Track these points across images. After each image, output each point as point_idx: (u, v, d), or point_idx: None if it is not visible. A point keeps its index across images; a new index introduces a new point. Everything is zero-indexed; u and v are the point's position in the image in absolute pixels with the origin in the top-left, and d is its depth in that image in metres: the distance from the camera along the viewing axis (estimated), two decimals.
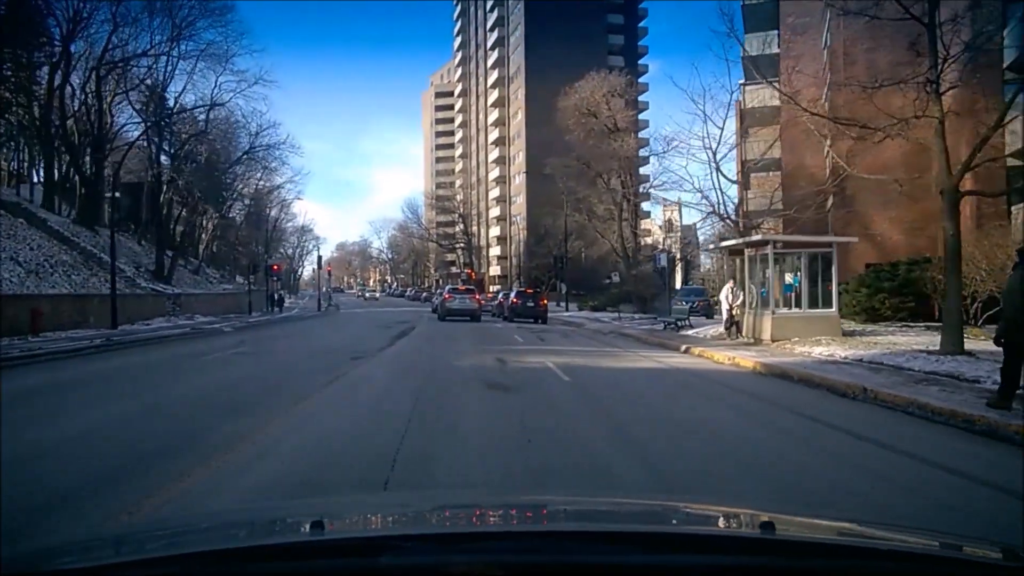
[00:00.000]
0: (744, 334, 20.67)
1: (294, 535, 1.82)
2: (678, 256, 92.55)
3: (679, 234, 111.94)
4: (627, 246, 53.51)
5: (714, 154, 27.66)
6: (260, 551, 1.57)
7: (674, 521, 2.08)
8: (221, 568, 1.44)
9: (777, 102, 41.76)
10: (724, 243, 22.80)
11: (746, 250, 20.51)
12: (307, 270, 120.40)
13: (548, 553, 1.48)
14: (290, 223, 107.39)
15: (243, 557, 1.50)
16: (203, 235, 64.15)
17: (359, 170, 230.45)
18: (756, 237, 19.10)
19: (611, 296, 47.86)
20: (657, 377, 13.37)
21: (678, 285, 57.79)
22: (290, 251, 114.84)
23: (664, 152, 51.99)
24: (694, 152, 30.38)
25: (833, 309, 19.25)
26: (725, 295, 21.27)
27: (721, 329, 23.31)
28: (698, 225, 39.52)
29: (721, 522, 2.10)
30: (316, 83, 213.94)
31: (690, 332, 24.73)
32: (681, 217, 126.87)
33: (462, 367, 13.92)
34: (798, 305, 19.90)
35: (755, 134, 40.60)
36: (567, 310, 49.23)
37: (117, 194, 35.49)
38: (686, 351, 18.88)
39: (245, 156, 46.59)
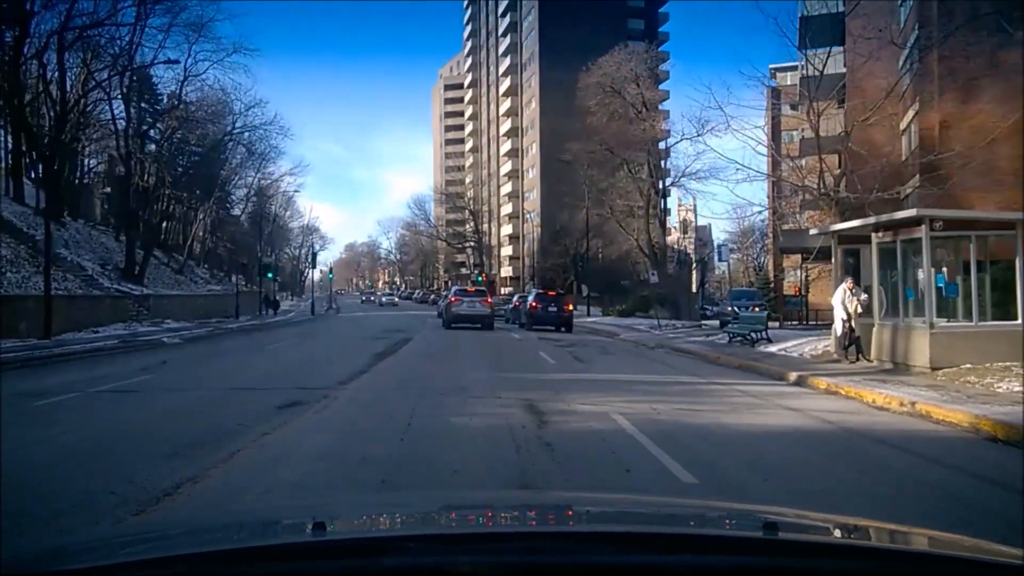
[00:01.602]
0: (873, 356, 14.17)
1: (297, 536, 1.73)
2: (693, 257, 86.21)
3: (695, 234, 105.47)
4: (655, 243, 47.06)
5: (815, 106, 21.19)
6: (263, 552, 1.51)
7: (681, 522, 2.00)
8: (224, 569, 1.38)
9: (837, 70, 35.26)
10: (838, 227, 16.24)
11: (875, 235, 14.02)
12: (314, 271, 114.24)
13: (552, 554, 1.43)
14: (295, 223, 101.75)
15: (246, 558, 1.44)
16: (196, 231, 58.10)
17: (370, 170, 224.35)
18: (907, 213, 12.70)
19: (640, 300, 41.35)
20: (842, 454, 6.86)
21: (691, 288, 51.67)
22: (296, 251, 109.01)
23: (699, 135, 45.61)
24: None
25: (1020, 321, 12.68)
26: (841, 299, 14.77)
27: (825, 346, 16.81)
28: (710, 222, 33.12)
29: (725, 523, 2.02)
30: (325, 82, 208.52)
31: (772, 349, 18.23)
32: (696, 217, 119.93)
33: (467, 431, 7.50)
34: (955, 314, 13.38)
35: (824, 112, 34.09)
36: (588, 315, 42.75)
37: (93, 183, 29.43)
38: (800, 382, 12.40)
39: (228, 138, 40.27)
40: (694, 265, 78.37)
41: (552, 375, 12.91)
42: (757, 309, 28.92)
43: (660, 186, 44.81)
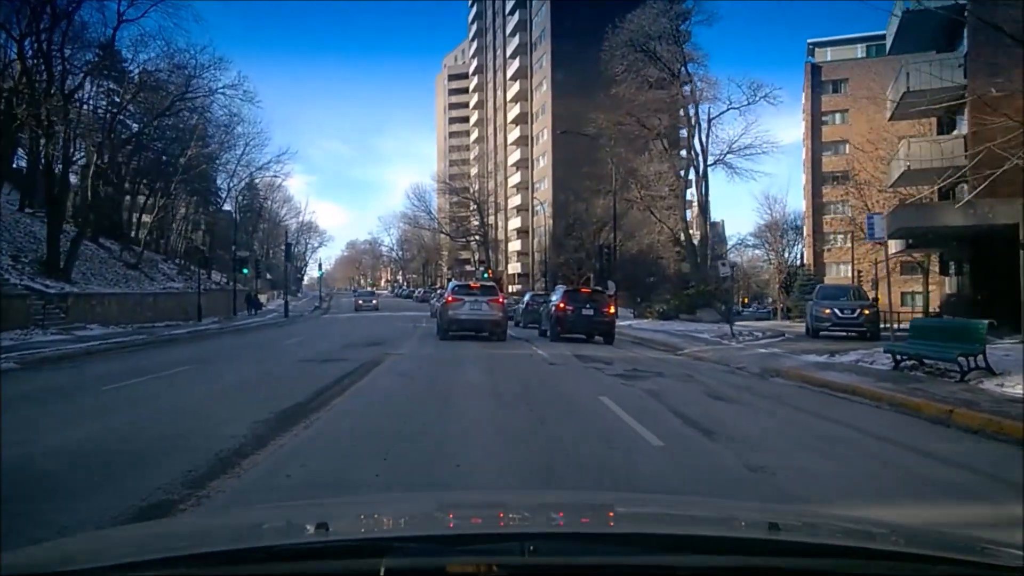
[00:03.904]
0: None
1: (298, 536, 1.65)
2: (708, 254, 77.27)
3: (711, 230, 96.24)
4: (692, 233, 38.56)
5: None
6: (264, 552, 1.46)
7: (680, 522, 1.90)
8: (225, 569, 1.32)
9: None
10: None
11: None
12: (312, 269, 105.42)
13: (552, 554, 1.38)
14: (293, 219, 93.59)
15: (247, 558, 1.39)
16: (156, 219, 49.71)
17: (377, 169, 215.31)
18: None
19: (683, 300, 32.78)
20: None
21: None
22: (292, 249, 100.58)
23: (749, 103, 37.08)
24: None
25: None
26: None
27: None
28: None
29: (727, 523, 1.94)
30: (330, 81, 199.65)
31: (1017, 390, 9.69)
32: (710, 213, 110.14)
33: None
34: None
35: None
36: (616, 316, 34.09)
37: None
38: None
39: (179, 103, 31.75)
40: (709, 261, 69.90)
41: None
42: (867, 312, 20.35)
43: (702, 165, 36.31)
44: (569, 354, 16.15)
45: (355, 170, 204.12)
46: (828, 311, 20.34)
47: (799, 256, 63.85)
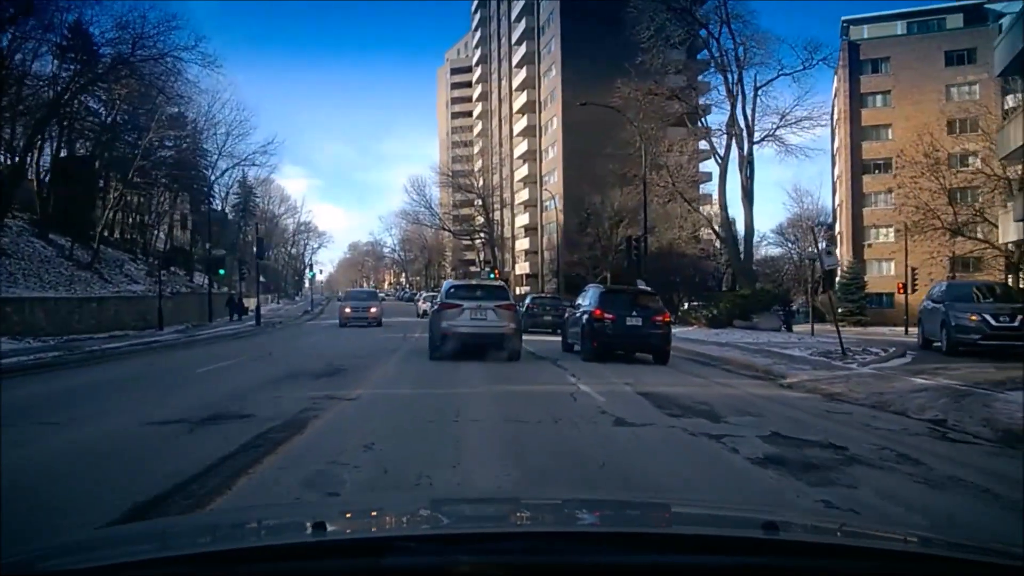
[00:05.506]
0: None
1: (297, 535, 1.57)
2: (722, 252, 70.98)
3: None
4: (733, 226, 32.38)
5: None
6: (263, 552, 1.40)
7: (678, 522, 1.86)
8: (223, 569, 1.28)
9: None
10: None
11: None
12: (314, 271, 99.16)
13: (553, 554, 1.34)
14: (290, 218, 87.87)
15: (245, 558, 1.33)
16: (121, 214, 43.75)
17: (377, 171, 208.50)
18: None
19: (736, 303, 26.54)
20: None
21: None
22: (290, 249, 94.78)
23: (804, 68, 30.89)
24: None
25: None
26: None
27: None
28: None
29: (724, 523, 1.84)
30: (331, 82, 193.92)
31: None
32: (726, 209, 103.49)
33: None
34: None
35: None
36: None
37: None
38: None
39: (121, 68, 25.62)
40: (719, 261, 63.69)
41: None
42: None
43: (746, 143, 30.07)
44: (629, 391, 9.90)
45: (358, 173, 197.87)
46: (976, 318, 14.06)
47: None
